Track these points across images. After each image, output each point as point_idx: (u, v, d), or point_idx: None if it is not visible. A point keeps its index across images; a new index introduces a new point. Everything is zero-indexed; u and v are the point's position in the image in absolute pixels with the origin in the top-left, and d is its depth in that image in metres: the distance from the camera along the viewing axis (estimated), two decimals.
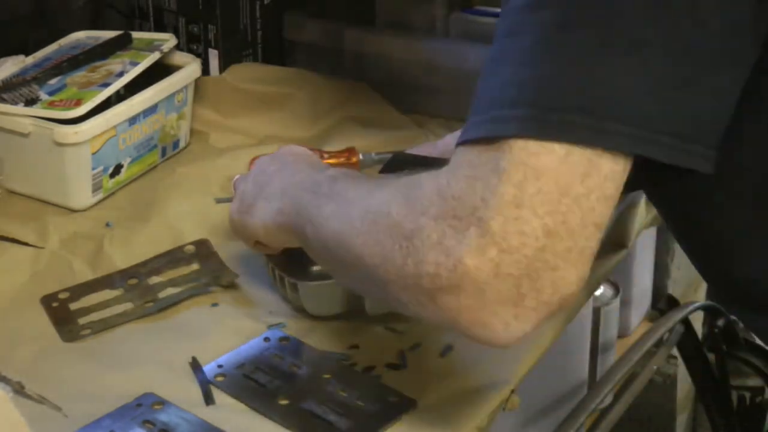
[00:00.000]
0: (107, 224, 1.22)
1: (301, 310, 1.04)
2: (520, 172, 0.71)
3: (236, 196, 1.04)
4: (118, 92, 1.29)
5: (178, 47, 1.41)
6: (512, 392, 0.95)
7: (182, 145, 1.38)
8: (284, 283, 1.04)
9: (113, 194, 1.29)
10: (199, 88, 1.41)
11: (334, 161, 1.31)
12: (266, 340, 1.01)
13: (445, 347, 0.99)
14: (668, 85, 0.72)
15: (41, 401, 0.94)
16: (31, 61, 1.37)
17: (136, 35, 1.40)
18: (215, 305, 1.07)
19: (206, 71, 1.49)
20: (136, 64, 1.32)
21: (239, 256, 1.13)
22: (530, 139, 0.71)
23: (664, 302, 1.83)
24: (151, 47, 1.36)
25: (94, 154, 1.23)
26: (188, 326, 1.04)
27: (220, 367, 0.98)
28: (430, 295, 0.75)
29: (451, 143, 1.16)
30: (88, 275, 1.13)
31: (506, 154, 0.72)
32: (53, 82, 1.30)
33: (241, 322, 1.04)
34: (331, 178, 0.90)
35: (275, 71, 1.50)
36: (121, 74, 1.30)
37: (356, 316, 1.03)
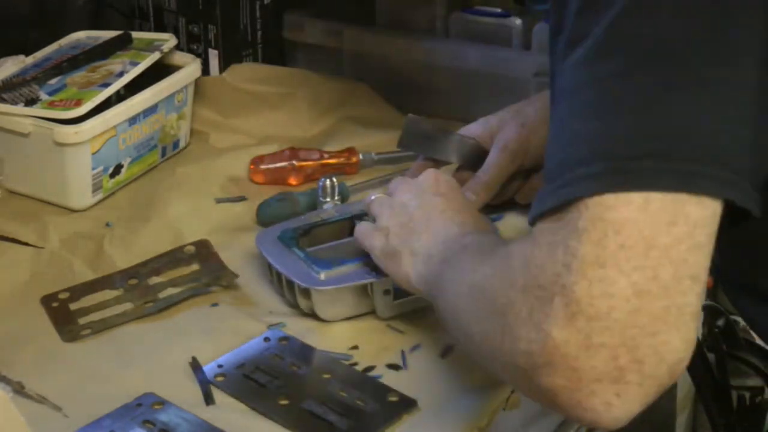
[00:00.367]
0: (107, 224, 1.22)
1: (309, 314, 1.04)
2: (598, 229, 0.66)
3: (378, 226, 1.00)
4: (118, 92, 1.29)
5: (178, 47, 1.41)
6: (513, 392, 0.95)
7: (182, 145, 1.38)
8: (294, 288, 1.03)
9: (113, 194, 1.28)
10: (199, 88, 1.41)
11: (334, 161, 1.31)
12: (266, 340, 1.01)
13: (445, 348, 0.99)
14: (736, 122, 0.68)
15: (41, 401, 0.94)
16: (31, 61, 1.37)
17: (136, 35, 1.40)
18: (215, 305, 1.07)
19: (206, 71, 1.49)
20: (136, 64, 1.32)
21: (239, 256, 1.13)
22: (605, 193, 0.67)
23: None
24: (151, 47, 1.36)
25: (94, 154, 1.23)
26: (188, 326, 1.04)
27: (220, 367, 0.98)
28: (526, 375, 0.69)
29: (506, 119, 1.15)
30: (88, 275, 1.13)
31: (582, 213, 0.67)
32: (53, 82, 1.30)
33: (241, 322, 1.04)
34: (463, 247, 0.87)
35: (275, 71, 1.50)
36: (121, 74, 1.30)
37: (357, 316, 1.03)
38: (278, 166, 1.30)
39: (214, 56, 1.51)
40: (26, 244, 1.18)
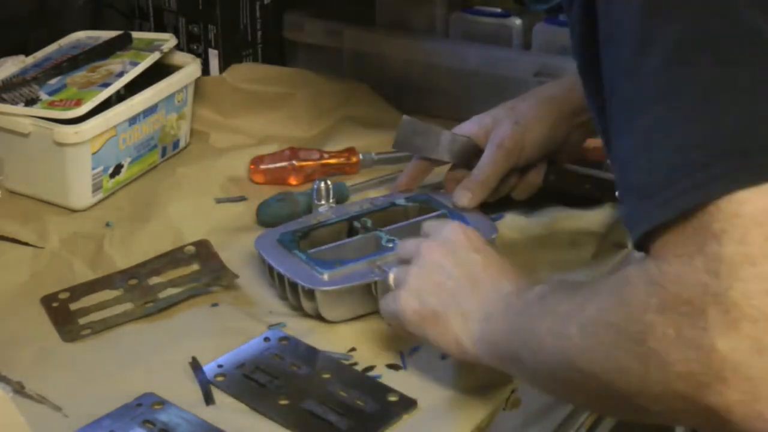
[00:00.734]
0: (107, 224, 1.22)
1: (312, 315, 1.04)
2: (738, 226, 0.63)
3: (410, 284, 0.92)
4: (118, 92, 1.29)
5: (178, 47, 1.41)
6: (513, 392, 0.95)
7: (182, 145, 1.38)
8: (297, 291, 1.03)
9: (113, 194, 1.28)
10: (199, 88, 1.41)
11: (334, 161, 1.31)
12: (266, 340, 1.01)
13: None
14: None
15: (41, 401, 0.94)
16: (31, 61, 1.37)
17: (136, 35, 1.40)
18: (215, 305, 1.07)
19: (206, 71, 1.49)
20: (136, 64, 1.32)
21: (239, 256, 1.13)
22: (735, 191, 0.64)
23: None
24: (151, 47, 1.36)
25: (94, 154, 1.23)
26: (188, 326, 1.04)
27: (220, 367, 0.98)
28: (688, 398, 0.65)
29: (500, 117, 1.15)
30: (88, 275, 1.13)
31: (715, 215, 0.64)
32: (53, 82, 1.30)
33: (241, 322, 1.04)
34: (539, 296, 0.82)
35: (275, 71, 1.50)
36: (121, 74, 1.30)
37: (357, 316, 1.03)
38: (278, 166, 1.30)
39: (214, 56, 1.51)
40: (26, 244, 1.18)
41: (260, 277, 1.10)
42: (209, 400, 0.94)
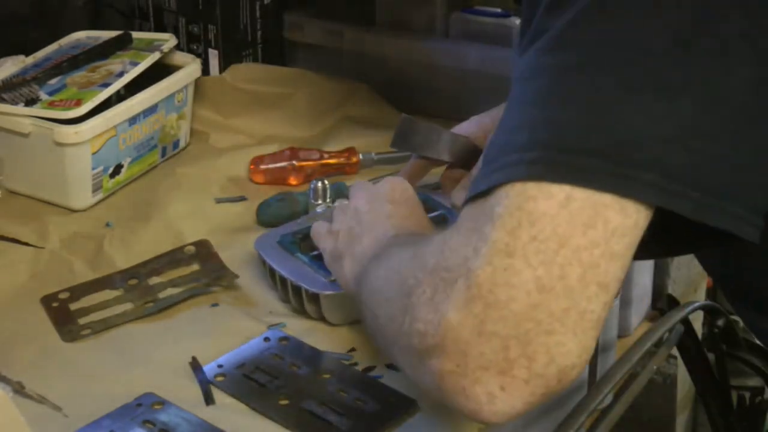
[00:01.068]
0: (107, 224, 1.22)
1: (316, 318, 1.04)
2: (514, 217, 0.65)
3: (331, 229, 0.99)
4: (118, 92, 1.29)
5: (178, 47, 1.41)
6: None
7: (182, 145, 1.38)
8: (300, 294, 1.03)
9: (113, 194, 1.29)
10: (199, 88, 1.41)
11: (334, 161, 1.31)
12: (266, 340, 1.01)
13: None
14: (697, 133, 0.66)
15: (41, 401, 0.94)
16: (31, 61, 1.37)
17: (136, 35, 1.40)
18: (215, 305, 1.07)
19: (206, 71, 1.49)
20: (136, 64, 1.32)
21: (239, 256, 1.13)
22: (528, 181, 0.65)
23: (664, 302, 1.83)
24: (151, 47, 1.36)
25: (94, 154, 1.23)
26: (188, 326, 1.04)
27: (220, 367, 0.98)
28: (418, 356, 0.68)
29: (499, 115, 1.15)
30: (88, 275, 1.13)
31: (503, 199, 0.66)
32: (53, 82, 1.30)
33: (241, 322, 1.04)
34: (393, 242, 0.86)
35: (275, 71, 1.50)
36: (121, 74, 1.30)
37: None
38: (278, 166, 1.30)
39: (214, 56, 1.51)
40: (26, 244, 1.18)
41: (260, 277, 1.10)
42: (209, 400, 0.94)
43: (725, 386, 1.29)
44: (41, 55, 1.38)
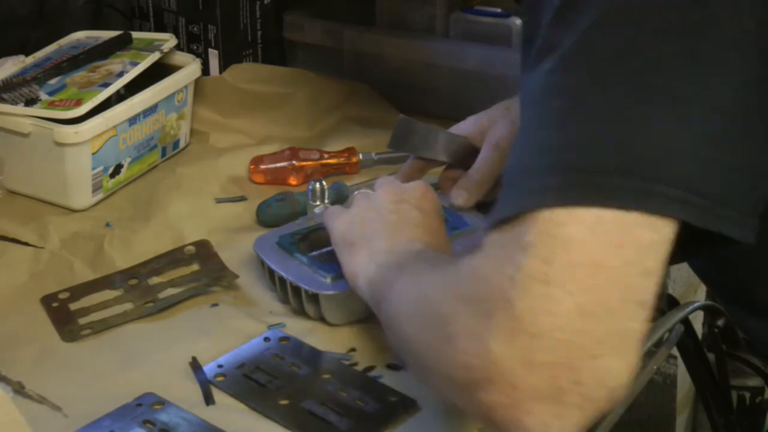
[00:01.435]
0: (107, 224, 1.22)
1: (316, 319, 1.03)
2: (547, 246, 0.65)
3: (347, 212, 1.00)
4: (118, 92, 1.29)
5: (178, 47, 1.41)
6: None
7: (182, 145, 1.38)
8: (300, 295, 1.03)
9: (113, 194, 1.29)
10: (199, 88, 1.41)
11: (334, 161, 1.31)
12: (266, 340, 1.01)
13: None
14: (706, 143, 0.66)
15: (41, 401, 0.94)
16: (31, 61, 1.37)
17: (136, 35, 1.40)
18: (215, 305, 1.07)
19: (206, 71, 1.49)
20: (136, 64, 1.32)
21: (239, 256, 1.13)
22: (556, 207, 0.65)
23: (664, 302, 1.83)
24: (151, 47, 1.36)
25: (94, 154, 1.23)
26: (188, 326, 1.04)
27: (220, 367, 0.98)
28: (463, 388, 0.67)
29: (496, 117, 1.15)
30: (88, 275, 1.13)
31: (531, 227, 0.66)
32: (53, 82, 1.30)
33: (241, 322, 1.04)
34: (417, 258, 0.86)
35: (275, 71, 1.50)
36: (121, 74, 1.30)
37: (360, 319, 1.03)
38: (278, 166, 1.30)
39: (214, 56, 1.51)
40: (26, 244, 1.18)
41: (260, 277, 1.10)
42: (209, 400, 0.94)
43: (725, 386, 1.29)
44: (41, 55, 1.38)
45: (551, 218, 0.65)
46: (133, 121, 1.28)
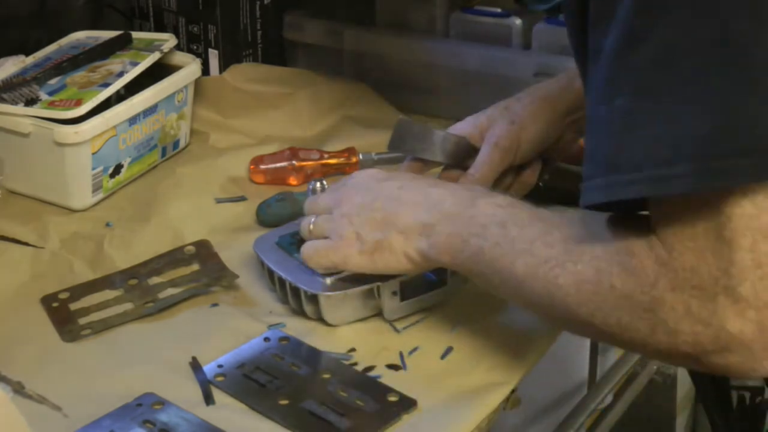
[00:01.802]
0: (107, 224, 1.22)
1: (315, 319, 1.03)
2: (747, 238, 0.73)
3: (341, 235, 0.99)
4: (118, 92, 1.29)
5: (178, 47, 1.41)
6: (512, 392, 0.95)
7: (182, 145, 1.38)
8: (299, 295, 1.03)
9: (113, 194, 1.29)
10: (199, 88, 1.41)
11: (334, 161, 1.31)
12: (266, 340, 1.01)
13: (445, 350, 0.99)
14: None
15: (41, 401, 0.94)
16: (31, 61, 1.37)
17: (136, 35, 1.40)
18: (215, 305, 1.07)
19: (206, 71, 1.49)
20: (136, 64, 1.32)
21: (239, 256, 1.13)
22: (746, 197, 0.73)
23: None
24: (151, 47, 1.36)
25: (94, 154, 1.24)
26: (188, 326, 1.04)
27: (220, 367, 0.98)
28: (692, 357, 0.77)
29: (495, 116, 1.15)
30: (88, 275, 1.13)
31: (727, 222, 0.74)
32: (53, 82, 1.30)
33: (241, 322, 1.04)
34: (495, 221, 0.90)
35: (275, 71, 1.51)
36: (121, 74, 1.30)
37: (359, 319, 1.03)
38: (278, 166, 1.30)
39: (214, 56, 1.51)
40: (26, 244, 1.18)
41: (260, 277, 1.10)
42: (209, 400, 0.94)
43: (725, 386, 1.29)
44: (41, 55, 1.38)
45: (743, 214, 0.73)
46: (133, 121, 1.28)
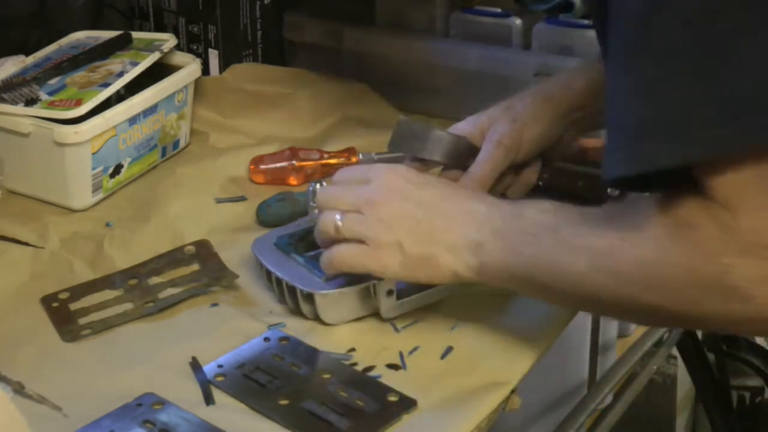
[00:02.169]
0: (107, 224, 1.22)
1: (312, 319, 1.03)
2: None
3: (372, 238, 0.97)
4: (118, 92, 1.29)
5: (178, 47, 1.41)
6: (512, 392, 0.95)
7: (182, 145, 1.38)
8: (296, 294, 1.03)
9: (113, 194, 1.29)
10: (199, 88, 1.41)
11: (334, 161, 1.31)
12: (266, 340, 1.01)
13: (445, 349, 0.99)
14: None
15: (41, 401, 0.94)
16: (31, 61, 1.37)
17: (136, 35, 1.40)
18: (215, 305, 1.07)
19: (206, 71, 1.49)
20: (136, 64, 1.32)
21: (239, 256, 1.13)
22: None
23: None
24: (151, 47, 1.36)
25: (94, 154, 1.24)
26: (188, 326, 1.04)
27: (220, 367, 0.98)
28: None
29: (497, 116, 1.15)
30: (88, 275, 1.13)
31: None
32: (53, 82, 1.30)
33: (241, 322, 1.04)
34: (546, 226, 0.90)
35: (275, 71, 1.50)
36: (121, 74, 1.30)
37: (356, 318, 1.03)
38: (278, 166, 1.30)
39: (214, 56, 1.51)
40: (26, 244, 1.18)
41: (260, 277, 1.10)
42: (209, 400, 0.94)
43: (725, 386, 1.29)
44: (41, 55, 1.38)
45: None
46: (133, 121, 1.28)
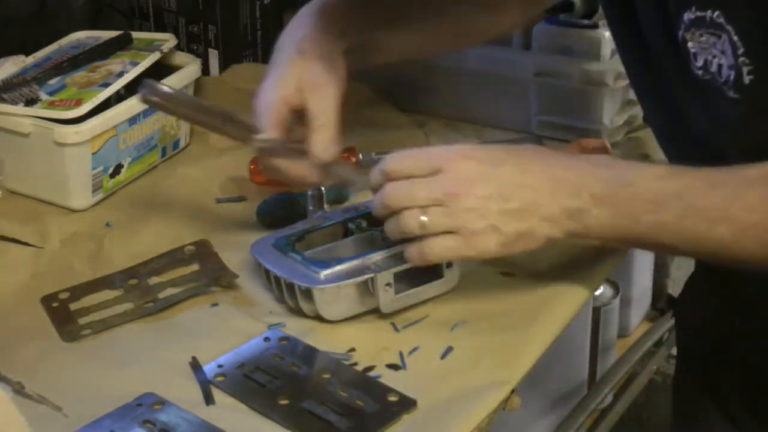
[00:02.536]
0: (107, 224, 1.22)
1: (312, 316, 1.03)
2: None
3: (464, 227, 0.94)
4: (118, 92, 1.29)
5: (178, 47, 1.41)
6: (512, 392, 0.95)
7: (182, 145, 1.38)
8: (295, 291, 1.03)
9: (113, 194, 1.29)
10: (199, 88, 1.41)
11: None
12: (266, 340, 1.01)
13: (445, 349, 0.99)
14: None
15: (41, 401, 0.94)
16: (31, 61, 1.37)
17: (136, 35, 1.40)
18: (215, 305, 1.07)
19: (206, 71, 1.49)
20: (136, 64, 1.32)
21: (239, 256, 1.13)
22: None
23: (664, 302, 1.83)
24: (151, 47, 1.36)
25: (94, 154, 1.24)
26: (188, 326, 1.04)
27: (220, 367, 0.98)
28: None
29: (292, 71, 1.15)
30: (88, 275, 1.13)
31: None
32: (53, 82, 1.30)
33: (241, 322, 1.04)
34: (674, 194, 0.89)
35: None
36: (121, 74, 1.30)
37: (357, 316, 1.03)
38: None
39: (214, 56, 1.51)
40: (26, 244, 1.18)
41: (260, 277, 1.10)
42: (209, 400, 0.94)
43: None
44: (41, 55, 1.38)
45: None
46: (133, 121, 1.28)
